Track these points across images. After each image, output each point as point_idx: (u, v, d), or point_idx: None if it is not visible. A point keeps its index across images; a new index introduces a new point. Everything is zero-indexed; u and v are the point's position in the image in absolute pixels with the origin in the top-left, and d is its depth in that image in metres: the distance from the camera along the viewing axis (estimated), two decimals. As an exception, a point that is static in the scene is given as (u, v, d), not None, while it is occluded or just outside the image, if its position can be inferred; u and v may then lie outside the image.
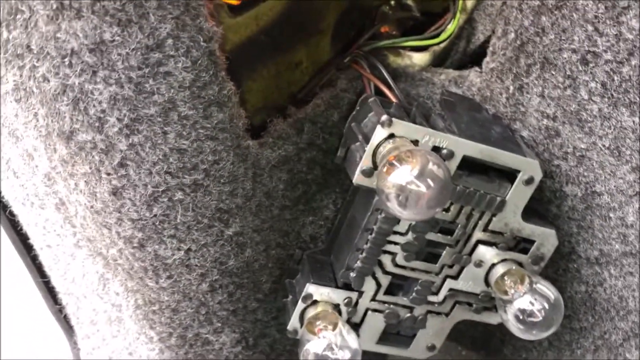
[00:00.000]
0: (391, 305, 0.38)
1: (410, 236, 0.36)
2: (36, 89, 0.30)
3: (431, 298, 0.38)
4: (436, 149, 0.33)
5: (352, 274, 0.37)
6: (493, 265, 0.37)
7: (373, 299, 0.38)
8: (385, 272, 0.37)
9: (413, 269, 0.37)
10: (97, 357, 0.49)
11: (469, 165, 0.35)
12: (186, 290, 0.36)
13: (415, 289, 0.37)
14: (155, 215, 0.33)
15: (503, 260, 0.37)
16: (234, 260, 0.37)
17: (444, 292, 0.38)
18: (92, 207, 0.34)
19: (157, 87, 0.30)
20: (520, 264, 0.37)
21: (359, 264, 0.36)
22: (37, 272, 0.47)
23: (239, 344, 0.40)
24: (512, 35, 0.37)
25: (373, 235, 0.36)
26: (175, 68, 0.30)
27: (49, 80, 0.30)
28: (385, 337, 0.39)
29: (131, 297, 0.38)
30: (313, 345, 0.35)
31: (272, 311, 0.41)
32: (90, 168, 0.32)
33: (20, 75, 0.30)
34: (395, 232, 0.36)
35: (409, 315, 0.38)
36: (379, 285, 0.37)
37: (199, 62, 0.31)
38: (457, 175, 0.34)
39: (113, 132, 0.31)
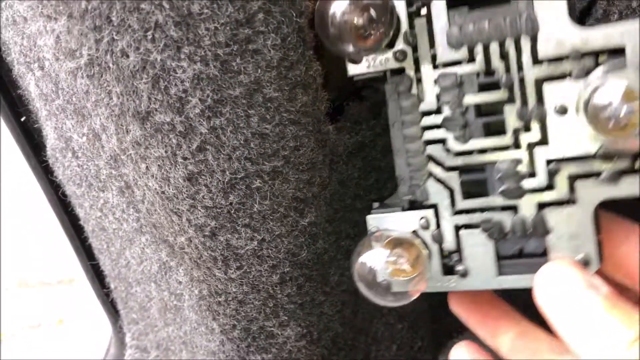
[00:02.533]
0: (484, 213, 0.28)
1: (447, 111, 0.28)
2: (113, 64, 0.28)
3: (530, 183, 0.28)
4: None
5: (409, 184, 0.29)
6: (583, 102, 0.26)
7: (455, 212, 0.29)
8: (447, 169, 0.29)
9: (480, 151, 0.28)
10: (144, 342, 0.47)
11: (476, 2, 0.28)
12: (255, 282, 0.34)
13: (498, 177, 0.28)
14: (231, 204, 0.31)
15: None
16: (306, 252, 0.35)
17: (541, 168, 0.27)
18: (163, 192, 0.31)
19: (244, 66, 0.28)
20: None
21: (408, 167, 0.29)
22: (85, 254, 0.46)
23: (304, 338, 0.38)
24: None
25: (403, 125, 0.29)
26: (264, 46, 0.28)
27: (128, 56, 0.27)
28: (507, 265, 0.28)
29: (196, 287, 0.36)
30: (369, 257, 0.28)
31: (337, 304, 0.39)
32: (166, 151, 0.30)
33: (97, 50, 0.28)
34: (426, 113, 0.29)
35: (515, 218, 0.28)
36: (449, 189, 0.29)
37: (289, 39, 0.28)
38: (459, 14, 0.27)
39: (194, 114, 0.28)
